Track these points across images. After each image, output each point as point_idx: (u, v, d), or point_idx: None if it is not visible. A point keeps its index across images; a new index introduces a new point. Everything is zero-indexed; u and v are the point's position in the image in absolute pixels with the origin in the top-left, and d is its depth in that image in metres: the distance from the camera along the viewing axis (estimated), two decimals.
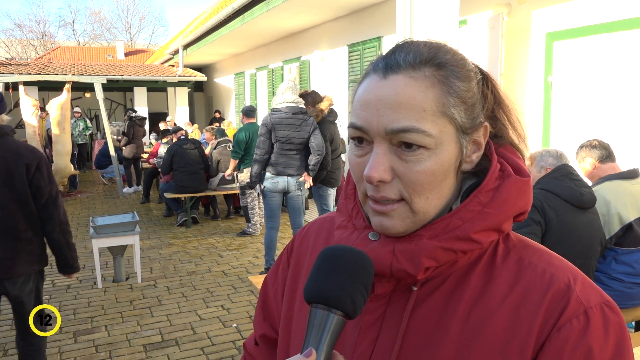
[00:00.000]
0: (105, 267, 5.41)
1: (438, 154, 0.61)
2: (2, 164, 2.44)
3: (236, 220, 7.75)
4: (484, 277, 0.65)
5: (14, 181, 2.47)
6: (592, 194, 2.60)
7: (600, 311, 0.61)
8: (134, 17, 54.72)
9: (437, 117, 0.61)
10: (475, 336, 0.62)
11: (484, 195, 0.64)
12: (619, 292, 2.80)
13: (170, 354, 3.52)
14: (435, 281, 0.66)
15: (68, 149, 9.01)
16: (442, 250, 0.63)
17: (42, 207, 2.57)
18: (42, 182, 2.54)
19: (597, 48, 4.38)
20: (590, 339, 0.59)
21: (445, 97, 0.61)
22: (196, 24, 14.08)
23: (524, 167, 0.68)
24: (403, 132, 0.60)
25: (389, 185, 0.63)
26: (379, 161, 0.62)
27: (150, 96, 16.07)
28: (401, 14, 3.81)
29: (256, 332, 0.91)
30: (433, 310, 0.65)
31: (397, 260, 0.63)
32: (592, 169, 3.03)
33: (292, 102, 4.69)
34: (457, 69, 0.63)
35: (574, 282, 0.62)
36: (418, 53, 0.63)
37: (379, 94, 0.62)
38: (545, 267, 0.64)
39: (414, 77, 0.61)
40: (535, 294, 0.62)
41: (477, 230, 0.63)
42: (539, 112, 4.98)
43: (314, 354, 0.55)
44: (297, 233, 0.89)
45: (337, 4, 7.57)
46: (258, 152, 4.74)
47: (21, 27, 43.15)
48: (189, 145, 7.15)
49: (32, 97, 9.30)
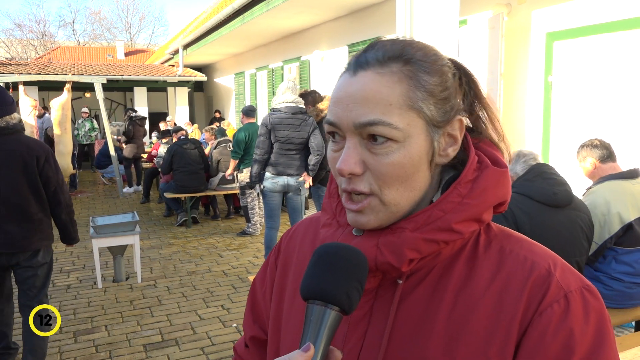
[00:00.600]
0: (105, 267, 5.42)
1: (407, 147, 0.63)
2: (18, 157, 2.90)
3: (236, 220, 7.75)
4: (466, 267, 0.66)
5: (28, 171, 2.94)
6: (567, 192, 2.57)
7: (580, 295, 0.62)
8: (134, 17, 54.76)
9: (404, 110, 0.62)
10: (461, 326, 0.63)
11: (463, 186, 0.65)
12: (619, 292, 2.80)
13: (170, 354, 3.52)
14: (419, 274, 0.68)
15: (69, 149, 9.02)
16: (424, 241, 0.64)
17: (52, 193, 3.04)
18: (50, 172, 3.01)
19: (597, 48, 4.38)
20: (571, 322, 0.60)
21: (412, 91, 0.63)
22: (196, 24, 14.09)
23: (502, 158, 0.70)
24: (370, 125, 0.62)
25: (360, 178, 0.64)
26: (350, 154, 0.64)
27: (150, 96, 16.08)
28: (401, 14, 3.81)
29: (246, 334, 0.92)
30: (419, 302, 0.66)
31: (381, 253, 0.65)
32: (593, 169, 3.02)
33: (291, 102, 4.69)
34: (426, 63, 0.64)
35: (554, 268, 0.64)
36: (386, 50, 0.65)
37: (348, 90, 0.64)
38: (527, 255, 0.66)
39: (380, 72, 0.63)
40: (517, 280, 0.63)
41: (457, 221, 0.64)
42: (539, 112, 4.98)
43: (312, 349, 0.56)
44: (284, 234, 0.90)
45: (337, 4, 7.57)
46: (258, 152, 4.74)
47: (21, 27, 43.19)
48: (189, 145, 7.15)
49: (32, 97, 9.30)
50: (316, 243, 0.80)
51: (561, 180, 2.61)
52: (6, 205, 2.91)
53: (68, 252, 6.06)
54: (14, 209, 2.93)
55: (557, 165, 4.81)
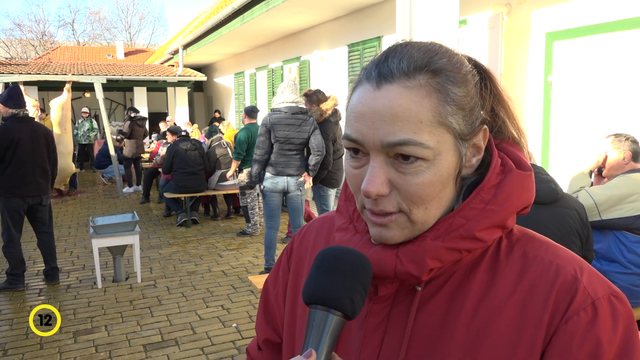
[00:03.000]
0: (105, 267, 5.41)
1: (437, 165, 0.60)
2: (41, 135, 4.75)
3: (236, 220, 7.75)
4: (488, 273, 0.64)
5: (48, 144, 4.83)
6: (550, 189, 2.57)
7: (608, 302, 0.60)
8: (133, 16, 54.69)
9: (434, 127, 0.59)
10: (482, 334, 0.61)
11: (487, 192, 0.63)
12: (626, 290, 2.80)
13: (170, 354, 3.52)
14: (439, 280, 0.65)
15: (70, 149, 9.02)
16: (446, 250, 0.62)
17: (54, 158, 4.94)
18: (54, 144, 4.97)
19: (597, 48, 4.38)
20: (599, 331, 0.58)
21: (442, 105, 0.60)
22: (196, 24, 14.09)
23: (526, 160, 0.67)
24: (400, 145, 0.59)
25: (387, 199, 0.62)
26: (376, 174, 0.60)
27: (150, 96, 16.07)
28: (401, 14, 3.82)
29: (259, 336, 0.90)
30: (438, 309, 0.64)
31: (401, 262, 0.62)
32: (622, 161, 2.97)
33: (291, 102, 4.68)
34: (452, 73, 0.61)
35: (580, 273, 0.61)
36: (412, 59, 0.61)
37: (373, 105, 0.60)
38: (551, 259, 0.63)
39: (408, 86, 0.59)
40: (542, 287, 0.61)
41: (481, 229, 0.62)
42: (539, 112, 4.98)
43: (314, 355, 0.55)
44: (295, 234, 0.88)
45: (337, 4, 7.56)
46: (258, 152, 4.74)
47: (21, 27, 43.17)
48: (190, 146, 7.14)
49: (32, 97, 9.30)
50: (330, 244, 0.76)
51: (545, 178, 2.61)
52: (38, 166, 4.70)
53: (68, 252, 6.07)
54: (41, 169, 4.73)
55: (557, 164, 4.82)
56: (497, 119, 0.68)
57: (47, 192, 4.80)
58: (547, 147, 4.97)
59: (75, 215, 8.22)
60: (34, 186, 4.65)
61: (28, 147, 4.61)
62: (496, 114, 0.68)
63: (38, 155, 4.67)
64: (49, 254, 4.92)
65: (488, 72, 0.68)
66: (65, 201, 9.51)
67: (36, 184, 4.66)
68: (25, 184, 4.61)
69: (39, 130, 4.74)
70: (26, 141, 4.60)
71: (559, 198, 2.62)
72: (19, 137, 4.55)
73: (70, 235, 6.95)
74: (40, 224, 4.85)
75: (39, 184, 4.68)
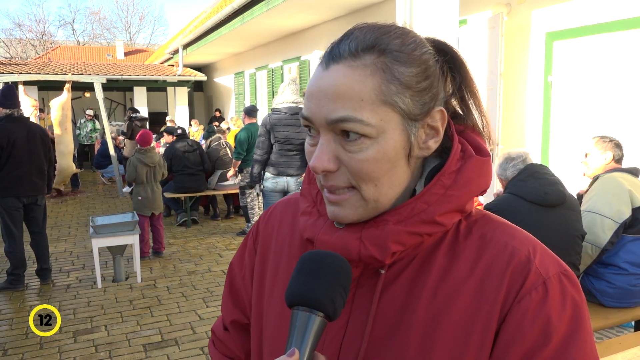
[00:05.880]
0: (104, 266, 5.41)
1: (381, 142, 0.61)
2: (37, 135, 4.72)
3: (236, 220, 7.75)
4: (447, 255, 0.66)
5: (43, 143, 4.79)
6: (558, 191, 2.58)
7: (558, 280, 0.62)
8: (133, 16, 54.65)
9: (376, 106, 0.60)
10: (441, 314, 0.63)
11: (447, 177, 0.64)
12: (623, 290, 2.80)
13: (170, 354, 3.52)
14: (401, 263, 0.67)
15: (70, 149, 9.01)
16: (408, 234, 0.64)
17: (50, 157, 4.91)
18: (50, 144, 4.95)
19: (597, 48, 4.38)
20: (549, 309, 0.60)
21: (385, 84, 0.60)
22: (196, 24, 14.08)
23: (484, 145, 0.69)
24: (341, 121, 0.60)
25: (337, 174, 0.63)
26: (323, 151, 0.63)
27: (150, 96, 16.07)
28: (401, 14, 3.82)
29: (225, 318, 0.91)
30: (400, 291, 0.66)
31: (365, 246, 0.64)
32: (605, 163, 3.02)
33: (292, 102, 4.68)
34: (401, 54, 0.62)
35: (533, 254, 0.64)
36: (360, 40, 0.62)
37: (320, 84, 0.63)
38: (507, 241, 0.65)
39: (352, 66, 0.61)
40: (498, 268, 0.63)
41: (441, 213, 0.64)
42: (539, 112, 4.98)
43: (297, 354, 0.56)
44: (260, 216, 0.89)
45: (337, 4, 7.57)
46: (258, 153, 4.75)
47: (21, 27, 43.11)
48: (188, 147, 7.12)
49: (32, 97, 9.30)
50: (295, 228, 0.79)
51: (553, 180, 2.61)
52: (35, 166, 4.68)
53: (68, 252, 6.06)
54: (37, 169, 4.71)
55: (557, 164, 4.82)
56: (464, 105, 0.69)
57: (42, 192, 4.79)
58: (547, 147, 4.97)
59: (75, 215, 8.22)
60: (30, 186, 4.64)
61: (24, 147, 4.59)
62: (464, 98, 0.69)
63: (34, 155, 4.66)
64: (41, 254, 4.89)
65: (458, 58, 0.68)
66: (65, 201, 9.51)
67: (32, 184, 4.65)
68: (21, 184, 4.59)
69: (35, 129, 4.73)
70: (22, 141, 4.57)
71: (566, 200, 2.63)
72: (14, 137, 4.53)
73: (70, 235, 6.95)
74: (34, 224, 4.83)
75: (34, 184, 4.67)
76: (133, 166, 5.56)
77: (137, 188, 5.62)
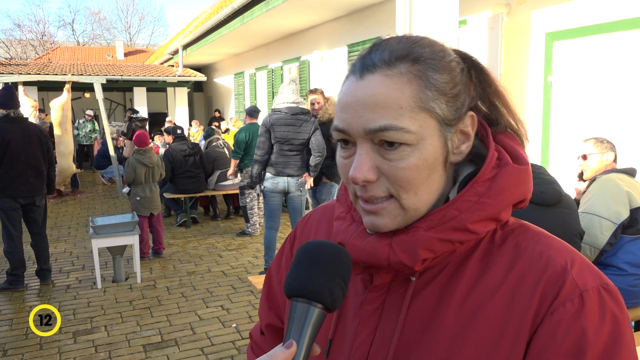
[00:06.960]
0: (104, 267, 5.41)
1: (421, 149, 0.62)
2: (34, 135, 4.68)
3: (236, 220, 7.74)
4: (480, 264, 0.65)
5: (41, 144, 4.74)
6: (555, 190, 2.58)
7: (597, 294, 0.59)
8: (133, 17, 54.71)
9: (415, 112, 0.61)
10: (470, 321, 0.62)
11: (481, 185, 0.64)
12: (622, 290, 2.80)
13: (170, 354, 3.51)
14: (433, 270, 0.67)
15: (70, 149, 9.02)
16: (438, 241, 0.63)
17: (49, 158, 4.87)
18: (49, 144, 4.90)
19: (597, 48, 4.38)
20: (585, 322, 0.58)
21: (422, 91, 0.61)
22: (196, 24, 14.08)
23: (523, 154, 0.67)
24: (381, 130, 0.61)
25: (376, 184, 0.63)
26: (362, 162, 0.62)
27: (149, 96, 16.07)
28: (401, 14, 3.82)
29: (262, 321, 0.92)
30: (431, 298, 0.66)
31: (394, 252, 0.64)
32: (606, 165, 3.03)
33: (292, 103, 4.68)
34: (434, 61, 0.62)
35: (570, 265, 0.62)
36: (393, 50, 0.63)
37: (356, 95, 0.62)
38: (542, 250, 0.64)
39: (389, 75, 0.61)
40: (531, 277, 0.62)
41: (474, 221, 0.63)
42: (538, 112, 4.98)
43: (295, 346, 0.56)
44: (298, 222, 0.90)
45: (337, 4, 7.57)
46: (258, 153, 4.74)
47: (21, 27, 43.17)
48: (188, 151, 7.11)
49: (32, 97, 9.30)
50: (331, 233, 0.78)
51: (549, 179, 2.61)
52: (31, 166, 4.64)
53: (67, 253, 6.06)
54: (34, 169, 4.67)
55: (557, 164, 4.82)
56: (493, 108, 0.69)
57: (40, 193, 4.74)
58: (547, 147, 4.97)
59: (75, 216, 8.22)
60: (26, 187, 4.61)
61: (19, 148, 4.56)
62: (494, 104, 0.69)
63: (30, 156, 4.62)
64: (41, 255, 4.89)
65: (479, 65, 0.69)
66: (65, 201, 9.50)
67: (28, 185, 4.61)
68: (17, 184, 4.57)
69: (32, 130, 4.69)
70: (17, 141, 4.55)
71: (562, 199, 2.62)
72: (9, 138, 4.50)
73: (70, 235, 6.95)
74: (34, 225, 4.81)
75: (31, 185, 4.64)
76: (132, 167, 5.55)
77: (135, 188, 5.62)
